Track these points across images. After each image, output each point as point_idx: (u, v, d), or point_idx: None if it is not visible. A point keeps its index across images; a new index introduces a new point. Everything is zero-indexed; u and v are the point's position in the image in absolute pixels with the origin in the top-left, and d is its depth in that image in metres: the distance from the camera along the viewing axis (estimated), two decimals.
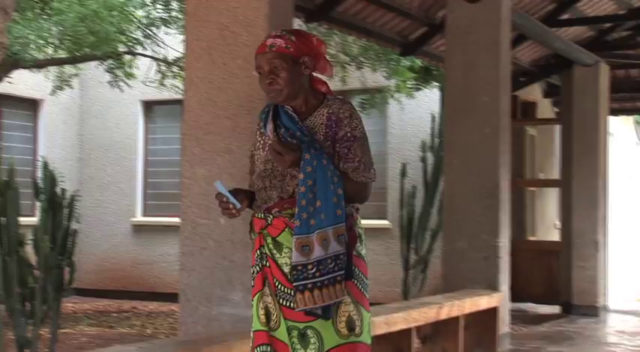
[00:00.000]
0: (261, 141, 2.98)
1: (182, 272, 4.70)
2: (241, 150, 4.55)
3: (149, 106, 11.83)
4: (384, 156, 10.40)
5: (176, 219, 10.78)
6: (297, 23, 7.02)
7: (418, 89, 9.71)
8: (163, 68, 9.88)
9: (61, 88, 10.09)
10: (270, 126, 2.94)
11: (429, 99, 9.96)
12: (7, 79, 8.45)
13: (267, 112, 2.99)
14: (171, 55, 9.73)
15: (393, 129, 10.53)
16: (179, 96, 9.96)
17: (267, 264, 2.88)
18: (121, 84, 9.70)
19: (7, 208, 5.59)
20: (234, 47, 4.45)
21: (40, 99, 11.38)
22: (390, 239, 9.94)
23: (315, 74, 3.00)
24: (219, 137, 4.59)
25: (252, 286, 2.95)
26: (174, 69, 9.74)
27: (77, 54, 8.88)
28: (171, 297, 10.64)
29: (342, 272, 2.76)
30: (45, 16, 8.42)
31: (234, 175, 4.56)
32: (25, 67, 8.56)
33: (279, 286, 2.84)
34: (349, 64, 9.54)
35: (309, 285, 2.74)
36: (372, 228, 10.14)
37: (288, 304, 2.81)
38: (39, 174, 6.89)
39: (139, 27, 9.29)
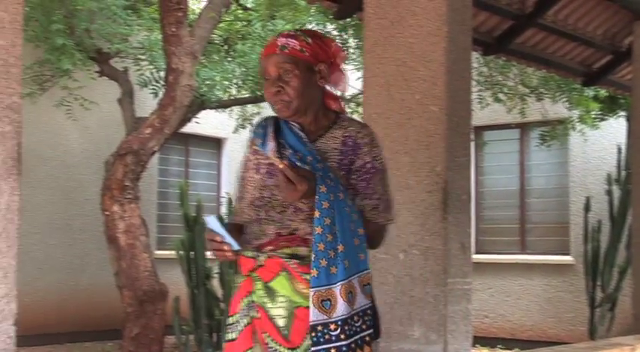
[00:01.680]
0: (255, 162, 2.44)
1: None
2: (420, 185, 4.53)
3: None
4: (565, 189, 10.07)
5: None
6: (475, 56, 6.95)
7: (603, 119, 9.35)
8: (342, 105, 10.04)
9: (243, 127, 10.51)
10: (271, 144, 2.38)
11: (614, 130, 9.56)
12: (194, 120, 8.88)
13: (265, 127, 2.44)
14: (348, 92, 9.90)
15: (575, 162, 10.17)
16: None
17: (257, 315, 2.29)
18: None
19: (196, 243, 5.84)
20: (412, 83, 4.45)
21: (224, 137, 11.88)
22: (574, 275, 9.56)
23: (327, 87, 2.49)
24: (399, 172, 4.60)
25: (232, 340, 2.33)
26: (351, 105, 9.90)
27: (258, 93, 9.22)
28: None
29: (371, 331, 2.31)
30: (229, 59, 8.81)
31: (412, 210, 4.55)
32: (210, 108, 8.97)
33: (272, 344, 2.26)
34: (529, 96, 9.34)
35: (333, 351, 2.19)
36: (553, 264, 9.80)
37: None
38: (223, 209, 7.16)
39: None
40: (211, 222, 2.30)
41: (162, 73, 7.81)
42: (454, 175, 4.43)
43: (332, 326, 2.21)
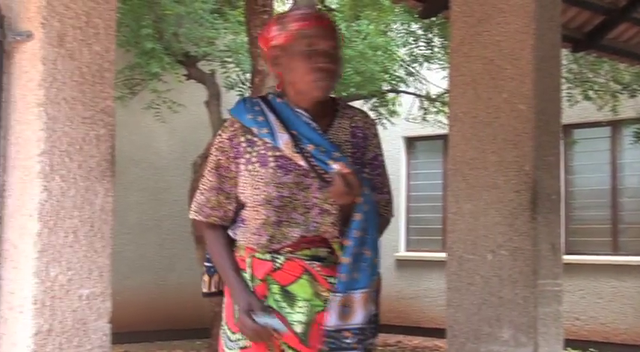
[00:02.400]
0: (256, 154, 2.20)
1: (449, 308, 4.67)
2: (508, 185, 4.47)
3: (411, 142, 11.99)
4: None
5: (439, 254, 10.84)
6: (564, 53, 6.81)
7: None
8: (425, 104, 9.99)
9: None
10: (284, 137, 2.18)
11: None
12: None
13: (263, 113, 2.22)
14: (433, 91, 9.83)
15: None
16: (441, 132, 10.03)
17: None
18: (384, 121, 9.94)
19: None
20: (499, 81, 4.39)
21: None
22: None
23: None
24: (485, 172, 4.54)
25: (245, 348, 2.19)
26: (437, 104, 9.82)
27: (343, 94, 9.24)
28: (436, 332, 10.65)
29: (376, 338, 2.22)
30: None
31: (500, 210, 4.49)
32: None
33: (289, 350, 2.16)
34: (621, 93, 9.09)
35: None
36: None
37: None
38: None
39: (401, 65, 9.49)
40: (261, 319, 2.11)
41: (248, 75, 7.90)
42: (543, 174, 4.36)
43: (346, 334, 2.12)
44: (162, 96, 8.62)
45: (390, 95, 9.82)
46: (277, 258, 2.18)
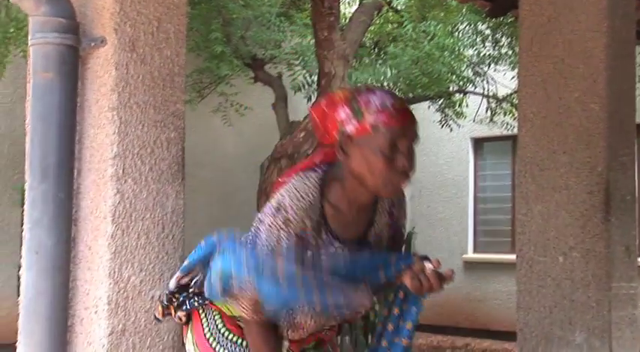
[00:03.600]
0: (317, 256, 2.07)
1: (519, 310, 4.61)
2: (579, 186, 4.38)
3: (479, 143, 11.86)
4: None
5: (507, 256, 10.71)
6: (639, 50, 6.65)
7: None
8: (493, 105, 9.88)
9: None
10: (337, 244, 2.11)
11: None
12: None
13: (320, 214, 2.07)
14: (501, 92, 9.71)
15: None
16: (509, 133, 9.90)
17: None
18: (451, 123, 9.86)
19: None
20: (570, 80, 4.31)
21: None
22: None
23: None
24: (557, 173, 4.47)
25: None
26: (504, 105, 9.70)
27: (410, 95, 9.19)
28: (505, 335, 10.51)
29: None
30: (380, 61, 8.84)
31: (572, 212, 4.40)
32: None
33: None
34: None
35: None
36: None
37: None
38: None
39: (468, 66, 9.40)
40: None
41: (314, 78, 7.93)
42: (617, 175, 4.26)
43: None
44: (230, 100, 8.71)
45: (457, 96, 9.74)
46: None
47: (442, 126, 10.00)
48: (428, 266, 2.07)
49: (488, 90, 9.67)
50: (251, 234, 2.11)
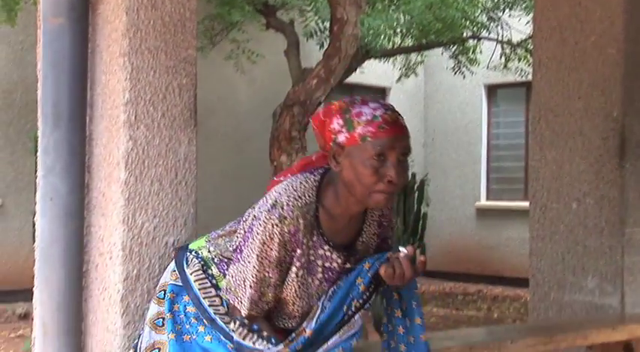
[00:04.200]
0: (306, 258, 2.13)
1: (532, 256, 4.62)
2: (594, 132, 4.35)
3: (492, 90, 11.78)
4: None
5: (520, 203, 10.73)
6: None
7: None
8: (507, 51, 9.78)
9: (406, 76, 10.44)
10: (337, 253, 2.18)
11: None
12: (358, 69, 8.90)
13: (314, 215, 2.12)
14: (516, 38, 9.60)
15: None
16: (523, 79, 9.81)
17: None
18: (464, 69, 9.77)
19: None
20: (587, 24, 4.25)
21: (388, 87, 11.86)
22: None
23: None
24: (571, 119, 4.43)
25: None
26: (519, 51, 9.60)
27: (423, 41, 9.10)
28: (517, 282, 10.57)
29: None
30: (393, 7, 8.74)
31: (586, 158, 4.38)
32: (375, 57, 8.95)
33: None
34: None
35: None
36: None
37: None
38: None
39: (483, 11, 9.28)
40: None
41: (327, 24, 7.85)
42: (632, 120, 4.23)
43: None
44: (242, 47, 8.66)
45: (471, 42, 9.64)
46: None
47: (455, 73, 9.92)
48: (402, 251, 2.07)
49: (502, 35, 9.56)
50: (243, 232, 2.20)
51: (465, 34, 9.28)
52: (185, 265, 2.36)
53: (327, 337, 2.10)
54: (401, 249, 2.07)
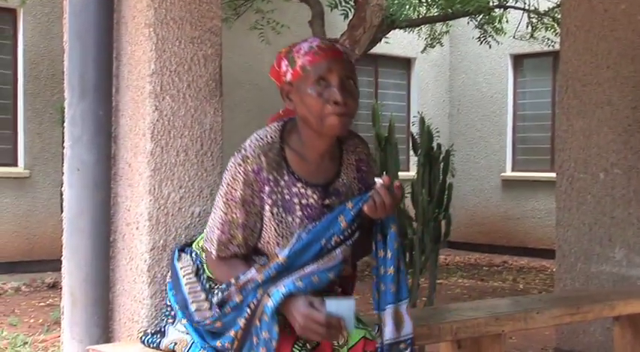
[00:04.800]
0: (279, 196, 2.18)
1: (558, 227, 4.59)
2: (623, 101, 4.30)
3: (519, 60, 11.65)
4: None
5: (545, 174, 10.64)
6: None
7: None
8: (534, 20, 9.66)
9: (432, 46, 10.36)
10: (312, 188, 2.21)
11: None
12: (383, 40, 8.83)
13: (279, 154, 2.19)
14: (543, 6, 9.47)
15: None
16: (550, 49, 9.69)
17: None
18: (490, 39, 9.67)
19: (388, 163, 5.88)
20: None
21: (413, 57, 11.77)
22: None
23: None
24: (599, 88, 4.38)
25: None
26: (546, 20, 9.47)
27: (449, 11, 9.01)
28: (542, 253, 10.53)
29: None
30: None
31: (614, 128, 4.34)
32: (400, 27, 8.88)
33: None
34: None
35: None
36: None
37: None
38: (414, 129, 7.15)
39: None
40: (333, 305, 2.02)
41: None
42: None
43: (402, 345, 2.19)
44: (267, 17, 8.62)
45: (497, 11, 9.53)
46: None
47: (481, 43, 9.82)
48: (378, 182, 2.11)
49: (529, 4, 9.44)
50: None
51: (491, 3, 9.17)
52: (176, 260, 2.41)
53: (303, 265, 2.10)
54: (377, 179, 2.12)
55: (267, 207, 2.17)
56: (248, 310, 2.07)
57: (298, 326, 2.01)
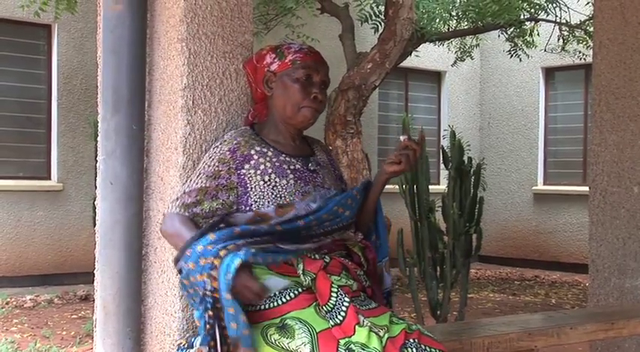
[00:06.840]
0: (269, 164, 2.42)
1: (592, 242, 4.55)
2: None
3: (550, 73, 11.59)
4: None
5: (578, 188, 10.54)
6: None
7: None
8: (565, 33, 9.60)
9: (462, 59, 10.34)
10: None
11: None
12: (414, 53, 8.83)
13: (256, 137, 2.50)
14: (574, 19, 9.42)
15: None
16: (581, 62, 9.63)
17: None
18: (520, 52, 9.63)
19: (419, 176, 5.87)
20: None
21: (443, 70, 11.76)
22: None
23: None
24: (633, 101, 4.34)
25: (337, 325, 2.22)
26: (577, 33, 9.42)
27: (479, 24, 8.99)
28: (575, 267, 10.43)
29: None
30: None
31: None
32: (430, 41, 8.88)
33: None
34: None
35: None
36: None
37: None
38: (445, 143, 7.13)
39: None
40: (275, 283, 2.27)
41: (382, 8, 7.80)
42: None
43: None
44: (297, 32, 8.65)
45: (528, 24, 9.48)
46: (325, 256, 2.37)
47: (511, 56, 9.78)
48: (402, 138, 2.45)
49: (560, 17, 9.39)
50: None
51: (522, 16, 9.13)
52: None
53: (284, 240, 2.31)
54: (400, 137, 2.46)
55: (255, 178, 2.38)
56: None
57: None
